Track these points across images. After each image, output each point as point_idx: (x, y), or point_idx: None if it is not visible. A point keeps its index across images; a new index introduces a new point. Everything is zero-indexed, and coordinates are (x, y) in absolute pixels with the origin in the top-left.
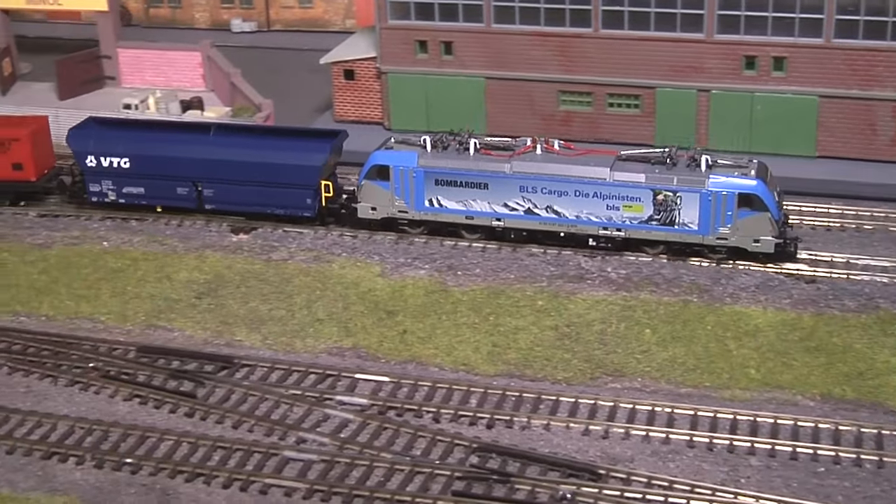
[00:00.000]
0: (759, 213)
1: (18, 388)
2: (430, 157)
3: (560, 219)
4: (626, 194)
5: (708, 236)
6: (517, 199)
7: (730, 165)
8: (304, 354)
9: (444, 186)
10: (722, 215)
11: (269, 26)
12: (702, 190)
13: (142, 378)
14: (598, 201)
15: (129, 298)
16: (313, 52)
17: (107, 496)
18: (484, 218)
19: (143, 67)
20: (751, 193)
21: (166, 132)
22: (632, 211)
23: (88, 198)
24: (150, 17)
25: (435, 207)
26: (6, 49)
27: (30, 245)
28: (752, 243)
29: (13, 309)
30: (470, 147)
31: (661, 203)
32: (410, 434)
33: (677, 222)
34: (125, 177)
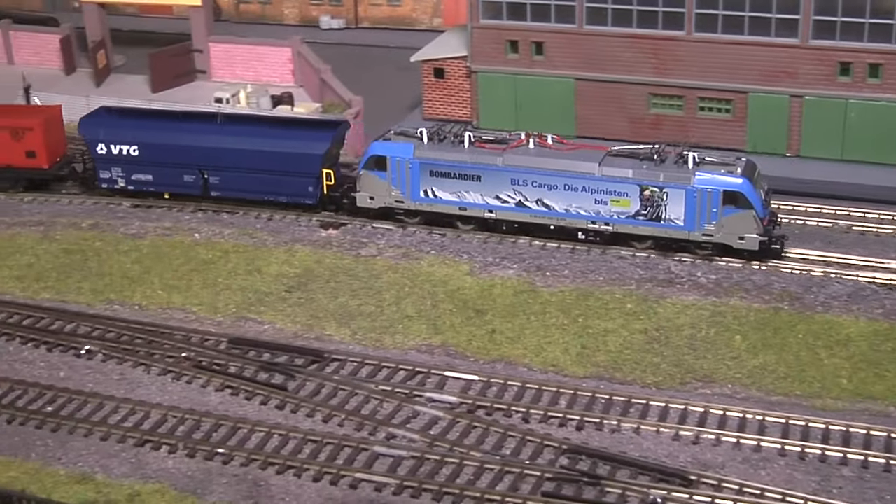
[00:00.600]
0: (743, 211)
1: (112, 376)
2: (425, 148)
3: (550, 212)
4: (613, 189)
5: (694, 232)
6: (509, 191)
7: (717, 163)
8: (394, 351)
9: (439, 178)
10: (707, 212)
11: (356, 23)
12: (687, 186)
13: (233, 369)
14: (586, 195)
15: (220, 290)
16: (401, 49)
17: (198, 485)
18: (477, 209)
19: (233, 62)
20: (736, 191)
21: (174, 121)
22: (619, 205)
23: (98, 184)
24: (240, 13)
25: (430, 198)
26: (101, 42)
27: (123, 235)
28: (737, 240)
29: (107, 297)
30: (465, 140)
31: (648, 198)
32: (500, 433)
33: (664, 218)
34: (134, 164)
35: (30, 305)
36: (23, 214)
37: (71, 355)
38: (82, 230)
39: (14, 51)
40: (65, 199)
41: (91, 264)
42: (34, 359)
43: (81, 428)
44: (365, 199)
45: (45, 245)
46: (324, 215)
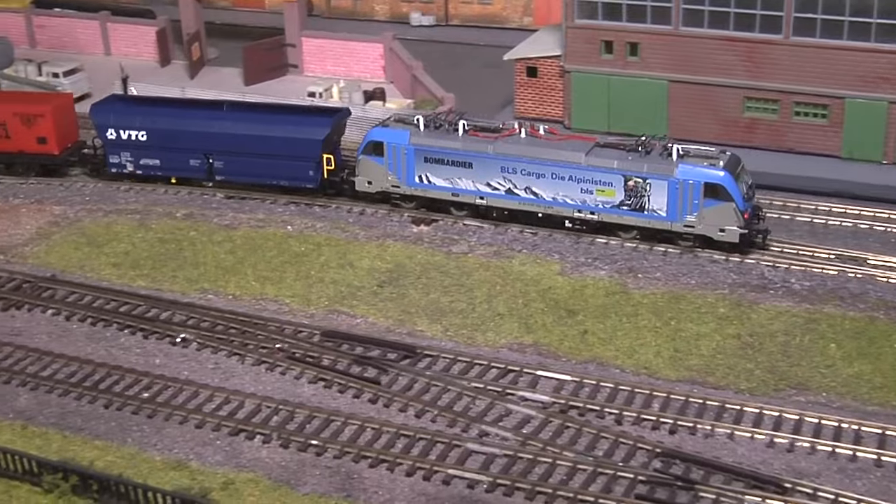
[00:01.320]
0: (724, 203)
1: (207, 365)
2: (421, 135)
3: (538, 200)
4: (598, 179)
5: (676, 223)
6: (499, 179)
7: (700, 156)
8: (485, 348)
9: (433, 164)
10: (689, 203)
11: (447, 21)
12: (670, 178)
13: (326, 362)
14: (573, 184)
15: (313, 283)
16: (491, 48)
17: (291, 476)
18: (468, 196)
19: (325, 57)
20: (716, 183)
21: (180, 108)
22: (604, 195)
23: (108, 168)
24: (331, 8)
25: (424, 184)
26: (195, 34)
27: (217, 225)
28: (717, 232)
29: (201, 286)
30: (459, 128)
31: (632, 189)
32: (593, 434)
33: (647, 208)
34: (142, 149)
35: (126, 292)
36: (119, 203)
37: (166, 343)
38: (177, 220)
39: (111, 42)
40: (160, 188)
41: (186, 254)
42: (130, 345)
43: (177, 415)
44: (363, 183)
45: (140, 233)
46: (413, 211)
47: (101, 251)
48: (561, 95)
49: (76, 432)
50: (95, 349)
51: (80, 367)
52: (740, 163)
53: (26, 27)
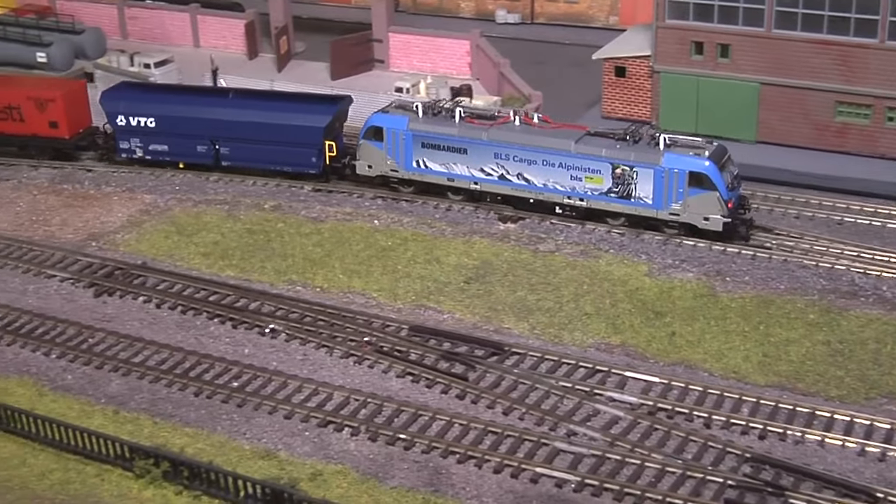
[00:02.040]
0: (708, 192)
1: (296, 356)
2: (419, 121)
3: (529, 186)
4: (587, 166)
5: (661, 211)
6: (492, 164)
7: (686, 146)
8: (572, 347)
9: (430, 149)
10: (674, 192)
11: (532, 19)
12: (656, 166)
13: (414, 357)
14: (563, 171)
15: (400, 277)
16: (576, 46)
17: (379, 469)
18: (463, 181)
19: (411, 53)
20: (701, 172)
21: (189, 95)
22: (593, 182)
23: (118, 154)
24: (417, 4)
25: (421, 168)
26: (284, 28)
27: (305, 218)
28: (702, 220)
29: (289, 278)
30: (455, 115)
31: (619, 176)
32: (681, 437)
33: (634, 196)
34: (151, 135)
35: (215, 282)
36: (208, 193)
37: (255, 333)
38: (265, 211)
39: (200, 34)
40: (248, 179)
41: (274, 245)
42: (220, 334)
43: (266, 405)
44: (364, 167)
45: (229, 224)
46: (500, 208)
47: (191, 240)
48: (649, 96)
49: (166, 419)
50: (185, 337)
51: (171, 354)
52: (726, 153)
53: (119, 18)
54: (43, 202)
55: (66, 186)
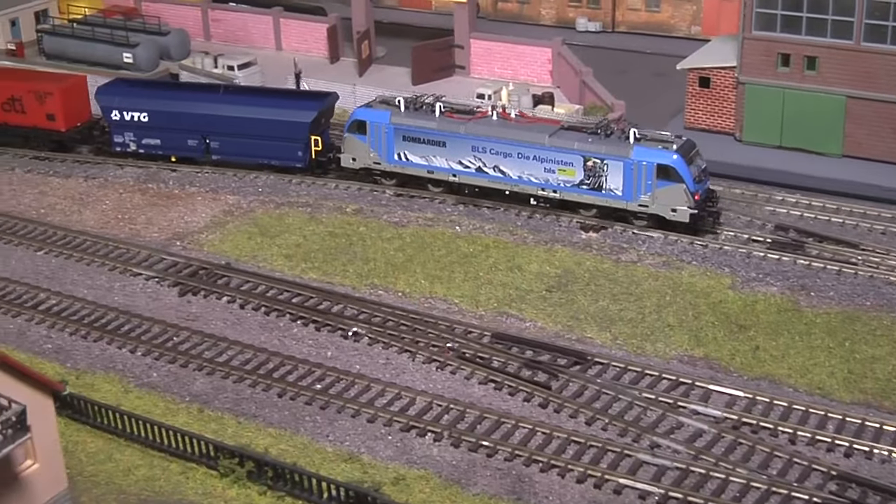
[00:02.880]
0: (675, 184)
1: (378, 360)
2: (400, 115)
3: (505, 178)
4: (560, 159)
5: (631, 202)
6: (470, 157)
7: (656, 140)
8: (655, 359)
9: (411, 142)
10: (643, 183)
11: (613, 27)
12: (626, 159)
13: (496, 364)
14: (537, 164)
15: (481, 284)
16: (657, 56)
17: (462, 475)
18: (442, 173)
19: (492, 59)
20: (668, 165)
21: (180, 91)
22: (565, 175)
23: (113, 147)
24: (498, 11)
25: (403, 161)
26: (366, 32)
27: (386, 222)
28: (670, 212)
29: (371, 282)
30: (435, 110)
31: (591, 169)
32: (766, 452)
33: (605, 188)
34: (144, 129)
35: (298, 284)
36: (290, 195)
37: (338, 336)
38: (347, 215)
39: (282, 38)
40: (331, 182)
41: (356, 248)
42: (303, 336)
43: (349, 408)
44: (348, 160)
45: (311, 226)
46: (581, 217)
47: (274, 242)
48: (733, 107)
49: (250, 419)
50: (269, 338)
51: (255, 354)
52: (694, 148)
53: (202, 20)
54: (128, 201)
55: (150, 186)
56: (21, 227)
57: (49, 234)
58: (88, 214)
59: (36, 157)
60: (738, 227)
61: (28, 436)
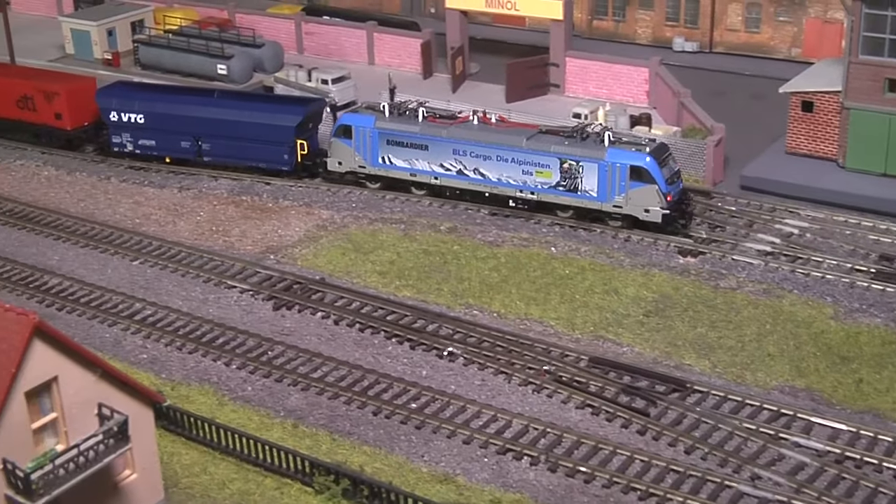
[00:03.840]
0: (648, 185)
1: (474, 381)
2: (384, 120)
3: (485, 180)
4: (537, 161)
5: (606, 203)
6: (451, 160)
7: (630, 143)
8: (756, 388)
9: (394, 146)
10: (617, 185)
11: (710, 48)
12: (600, 161)
13: (594, 388)
14: (515, 166)
15: (577, 307)
16: (757, 78)
17: (559, 500)
18: (425, 176)
19: (587, 78)
20: (641, 166)
21: (174, 94)
22: (543, 176)
23: (111, 147)
24: (592, 29)
25: (387, 164)
26: (460, 48)
27: (481, 242)
28: (643, 212)
29: (466, 301)
30: (419, 115)
31: (567, 171)
32: (870, 489)
33: (580, 189)
34: (140, 130)
35: (392, 301)
36: (384, 211)
37: (433, 355)
38: (441, 233)
39: (375, 52)
40: (424, 199)
41: (450, 267)
42: (398, 354)
43: (444, 429)
44: (335, 163)
45: (405, 244)
46: (679, 242)
47: (367, 258)
48: (836, 133)
49: (345, 436)
50: (363, 355)
51: (350, 371)
52: (667, 150)
53: (296, 33)
54: (222, 213)
55: (244, 198)
56: (117, 237)
57: (144, 245)
58: (183, 225)
59: (131, 166)
60: (841, 256)
61: (129, 446)
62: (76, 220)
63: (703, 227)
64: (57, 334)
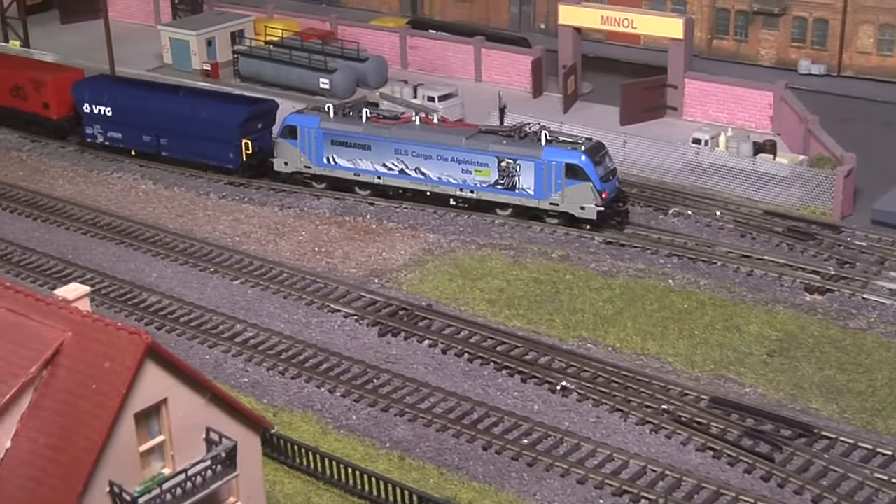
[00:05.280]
0: (582, 183)
1: (588, 418)
2: (329, 120)
3: (426, 179)
4: (476, 160)
5: (542, 201)
6: (393, 160)
7: (566, 141)
8: (887, 437)
9: (338, 146)
10: (553, 183)
11: (839, 71)
12: (537, 159)
13: (715, 430)
14: (455, 165)
15: (697, 343)
16: (889, 104)
17: None
18: (368, 175)
19: (706, 101)
20: (575, 164)
21: (139, 89)
22: (481, 175)
23: (84, 138)
24: (712, 49)
25: (331, 164)
26: (572, 67)
27: (594, 271)
28: (578, 209)
29: (579, 334)
30: (362, 115)
31: (505, 169)
32: None
33: (518, 187)
34: (109, 123)
35: (502, 331)
36: (493, 237)
37: (545, 389)
38: (552, 261)
39: (483, 69)
40: (535, 225)
41: (562, 297)
42: (508, 387)
43: (558, 467)
44: (281, 164)
45: (515, 271)
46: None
47: (475, 285)
48: None
49: (453, 470)
50: (472, 386)
51: (458, 403)
52: (602, 149)
53: (400, 47)
54: (325, 233)
55: (347, 218)
56: (217, 255)
57: (245, 264)
58: (284, 245)
59: (230, 182)
60: None
61: (236, 473)
62: (175, 236)
63: (831, 263)
64: (168, 355)
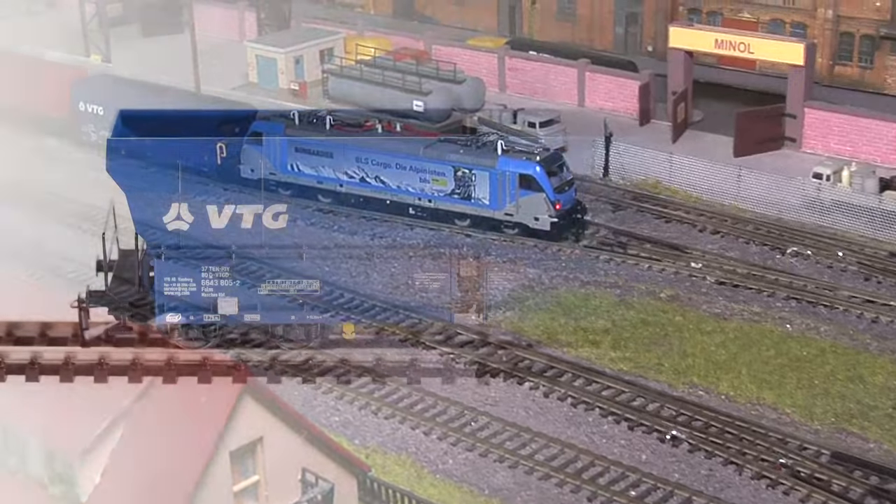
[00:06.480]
0: (536, 194)
1: (700, 470)
2: (294, 128)
3: (385, 188)
4: (433, 169)
5: (497, 211)
6: (354, 168)
7: (521, 151)
8: None
9: (302, 154)
10: (507, 193)
11: None
12: (491, 169)
13: (836, 488)
14: (413, 174)
15: (816, 394)
16: None
17: None
18: (330, 183)
19: (828, 133)
20: (529, 174)
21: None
22: (439, 184)
23: (81, 136)
24: (833, 76)
25: (295, 172)
26: (683, 93)
27: (706, 313)
28: (532, 220)
29: (690, 380)
30: (326, 122)
31: (461, 179)
32: None
33: (473, 197)
34: (101, 122)
35: (607, 374)
36: (597, 274)
37: (654, 438)
38: (661, 301)
39: (586, 93)
40: (643, 263)
41: (672, 340)
42: (614, 434)
43: None
44: (247, 170)
45: (621, 311)
46: None
47: (579, 325)
48: None
49: None
50: (576, 433)
51: (562, 450)
52: (559, 160)
53: (498, 68)
54: (418, 265)
55: (443, 251)
56: None
57: (336, 296)
58: (376, 277)
59: (319, 209)
60: None
61: None
62: None
63: None
64: (266, 391)
